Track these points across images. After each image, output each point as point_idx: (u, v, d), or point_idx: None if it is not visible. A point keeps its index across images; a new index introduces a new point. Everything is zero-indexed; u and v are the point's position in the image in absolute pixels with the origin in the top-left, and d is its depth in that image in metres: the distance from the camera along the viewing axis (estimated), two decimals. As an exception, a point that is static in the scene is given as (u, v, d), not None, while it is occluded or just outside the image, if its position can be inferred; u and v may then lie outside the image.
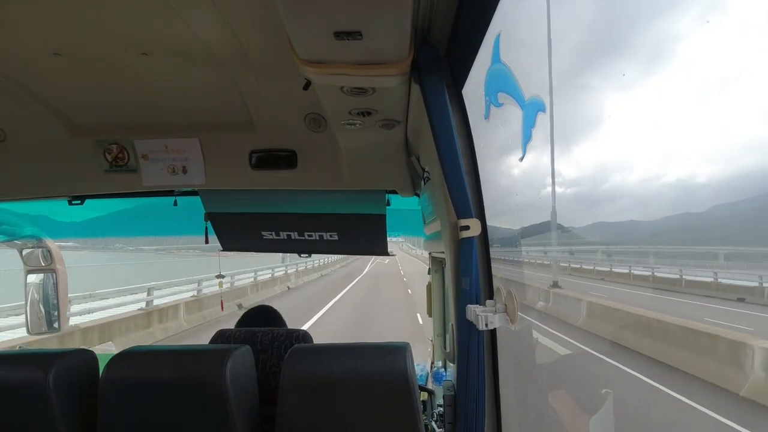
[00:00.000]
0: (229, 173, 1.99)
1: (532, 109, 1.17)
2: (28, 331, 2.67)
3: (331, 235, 2.44)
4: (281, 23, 1.01)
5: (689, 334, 7.39)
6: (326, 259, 35.13)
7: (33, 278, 2.65)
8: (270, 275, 20.51)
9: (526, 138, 1.19)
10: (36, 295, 2.64)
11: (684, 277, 15.42)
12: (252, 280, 17.91)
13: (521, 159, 1.26)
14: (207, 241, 2.49)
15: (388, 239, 2.62)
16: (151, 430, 1.14)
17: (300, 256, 2.80)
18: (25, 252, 2.59)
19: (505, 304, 1.18)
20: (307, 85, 1.32)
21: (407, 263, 44.86)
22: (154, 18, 1.22)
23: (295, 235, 2.46)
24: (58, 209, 2.42)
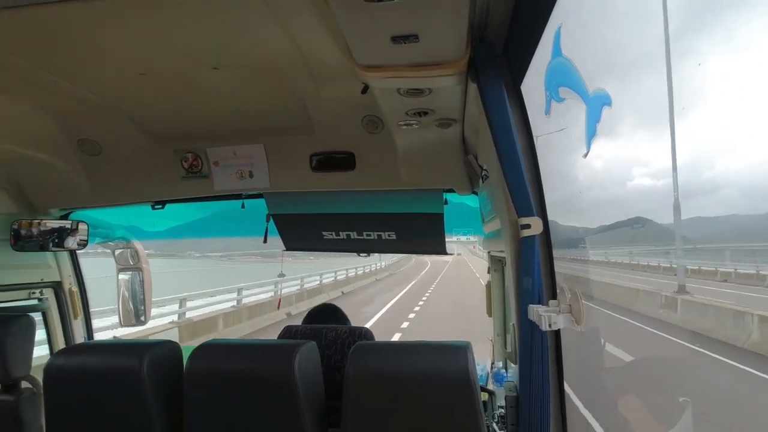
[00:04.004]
0: (291, 176, 2.09)
1: (596, 104, 1.12)
2: (120, 324, 2.98)
3: (389, 235, 2.48)
4: (340, 31, 1.05)
5: None
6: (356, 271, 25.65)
7: (123, 276, 2.95)
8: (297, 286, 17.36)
9: (591, 133, 1.14)
10: (126, 292, 2.93)
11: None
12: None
13: (585, 155, 1.21)
14: (265, 240, 2.61)
15: (456, 238, 2.60)
16: (229, 417, 1.23)
17: (359, 255, 2.87)
18: (117, 252, 2.90)
19: (570, 305, 1.14)
20: (365, 88, 1.36)
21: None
22: (225, 36, 1.32)
23: (354, 235, 2.52)
24: (144, 216, 2.68)
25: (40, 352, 2.06)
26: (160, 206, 2.42)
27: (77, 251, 2.54)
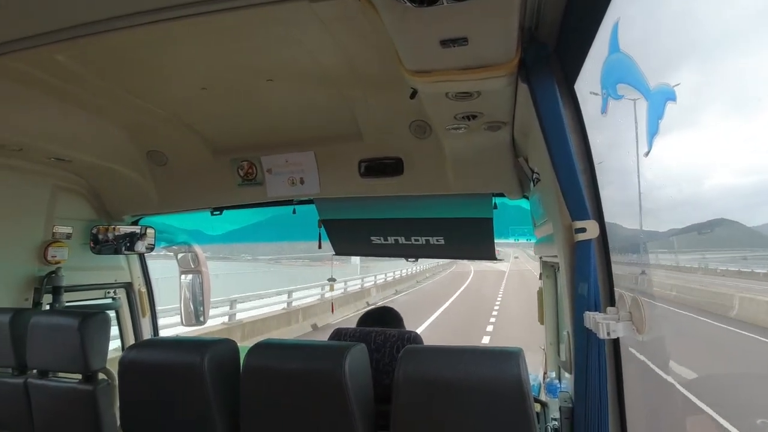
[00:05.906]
0: (341, 182, 2.14)
1: (659, 99, 1.06)
2: (182, 324, 3.18)
3: (437, 240, 2.47)
4: (388, 38, 1.07)
5: None
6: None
7: (184, 278, 3.15)
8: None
9: (653, 131, 1.08)
10: (187, 293, 3.13)
11: None
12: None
13: (647, 154, 1.14)
14: (320, 246, 2.69)
15: (512, 240, 2.55)
16: (283, 413, 1.27)
17: (407, 260, 2.88)
18: (179, 256, 3.10)
19: (630, 312, 1.08)
20: (414, 94, 1.37)
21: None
22: (280, 49, 1.38)
23: (402, 240, 2.53)
24: (204, 221, 2.85)
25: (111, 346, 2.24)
26: (218, 212, 2.56)
27: (145, 254, 2.74)
